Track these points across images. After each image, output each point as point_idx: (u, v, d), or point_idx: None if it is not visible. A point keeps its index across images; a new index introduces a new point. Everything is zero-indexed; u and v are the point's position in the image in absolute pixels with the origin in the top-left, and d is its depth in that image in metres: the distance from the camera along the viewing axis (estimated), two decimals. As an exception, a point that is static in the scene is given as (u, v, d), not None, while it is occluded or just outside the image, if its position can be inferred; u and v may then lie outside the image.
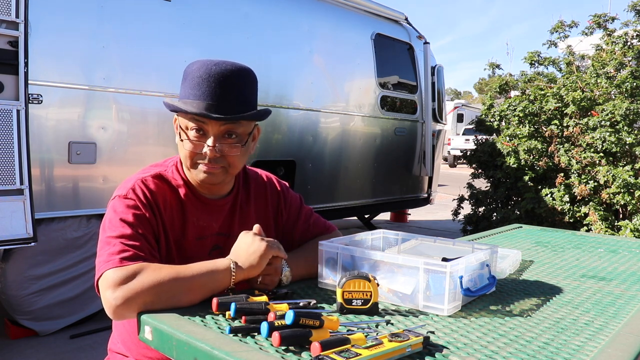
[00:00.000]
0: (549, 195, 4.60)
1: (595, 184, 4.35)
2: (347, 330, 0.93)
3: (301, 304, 1.06)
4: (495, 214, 5.23)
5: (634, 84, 4.35)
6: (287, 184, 1.50)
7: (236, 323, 0.99)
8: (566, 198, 4.48)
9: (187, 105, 1.18)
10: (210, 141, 1.19)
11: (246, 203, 1.37)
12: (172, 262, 1.17)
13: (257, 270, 1.14)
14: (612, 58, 4.70)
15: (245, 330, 0.94)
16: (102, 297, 1.08)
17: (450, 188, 10.79)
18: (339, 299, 1.07)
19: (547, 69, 5.46)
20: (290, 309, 0.94)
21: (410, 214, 7.58)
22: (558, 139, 4.73)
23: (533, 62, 5.39)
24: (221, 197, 1.32)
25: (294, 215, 1.44)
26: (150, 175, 1.24)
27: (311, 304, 1.07)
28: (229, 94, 1.19)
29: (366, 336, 0.87)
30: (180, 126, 1.22)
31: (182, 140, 1.20)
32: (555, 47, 5.37)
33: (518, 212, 4.77)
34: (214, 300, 1.03)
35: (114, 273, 1.06)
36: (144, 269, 1.07)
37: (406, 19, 5.57)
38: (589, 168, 4.46)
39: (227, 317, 1.01)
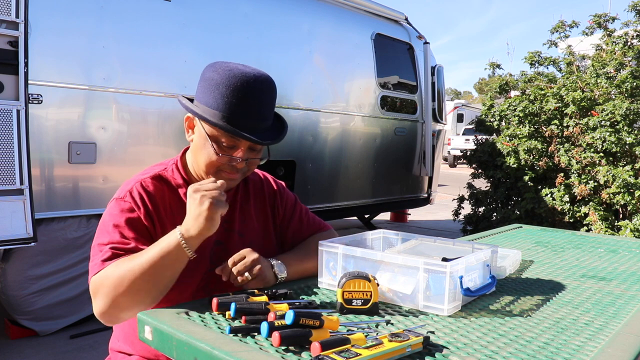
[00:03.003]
0: (549, 195, 4.60)
1: (595, 184, 4.35)
2: (347, 330, 0.93)
3: (301, 304, 1.06)
4: (495, 214, 5.23)
5: (634, 84, 4.35)
6: (283, 183, 1.52)
7: (236, 323, 0.99)
8: (566, 198, 4.48)
9: (224, 120, 1.19)
10: (242, 155, 1.22)
11: (246, 200, 1.40)
12: None
13: (211, 230, 1.10)
14: (612, 58, 4.70)
15: (245, 330, 0.94)
16: (93, 305, 1.15)
17: (450, 188, 10.79)
18: (339, 299, 1.07)
19: (547, 69, 5.46)
20: (290, 309, 0.94)
21: (410, 214, 7.58)
22: (558, 139, 4.73)
23: (533, 62, 5.40)
24: None
25: (289, 212, 1.47)
26: (150, 177, 1.27)
27: (311, 304, 1.07)
28: (266, 113, 1.24)
29: (366, 336, 0.87)
30: (208, 136, 1.21)
31: (218, 155, 1.21)
32: (556, 47, 5.38)
33: (518, 212, 4.77)
34: (214, 300, 1.03)
35: (96, 279, 1.13)
36: (112, 271, 1.11)
37: (406, 19, 5.57)
38: (589, 168, 4.46)
39: (227, 317, 1.01)
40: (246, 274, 1.17)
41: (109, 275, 1.11)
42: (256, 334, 0.93)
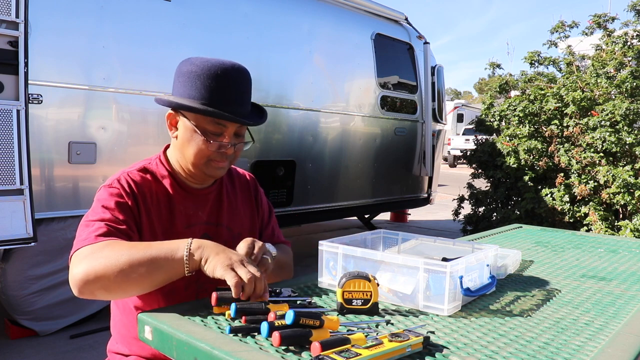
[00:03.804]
0: (549, 195, 4.60)
1: (595, 184, 4.35)
2: (347, 330, 0.93)
3: (301, 304, 1.06)
4: (495, 214, 5.23)
5: (634, 84, 4.35)
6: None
7: (236, 323, 0.99)
8: (566, 198, 4.48)
9: (209, 107, 1.22)
10: (229, 140, 1.27)
11: (233, 195, 1.43)
12: None
13: (210, 273, 1.07)
14: (612, 58, 4.70)
15: (245, 330, 0.94)
16: (69, 275, 1.11)
17: (450, 188, 10.79)
18: (339, 299, 1.07)
19: (547, 69, 5.47)
20: (290, 309, 0.94)
21: (410, 214, 7.58)
22: (558, 139, 4.73)
23: (533, 62, 5.40)
24: (206, 186, 1.37)
25: (266, 219, 1.50)
26: (136, 169, 1.30)
27: (311, 304, 1.07)
28: (246, 98, 1.29)
29: (366, 336, 0.87)
30: (195, 128, 1.25)
31: (208, 142, 1.25)
32: (556, 47, 5.38)
33: (518, 212, 4.77)
34: (213, 295, 1.04)
35: (85, 249, 1.11)
36: (107, 246, 1.10)
37: (406, 19, 5.57)
38: (589, 168, 4.46)
39: (227, 317, 1.01)
40: (265, 255, 1.16)
41: (103, 250, 1.09)
42: (256, 334, 0.93)
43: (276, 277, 1.35)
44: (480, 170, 5.50)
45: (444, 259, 1.24)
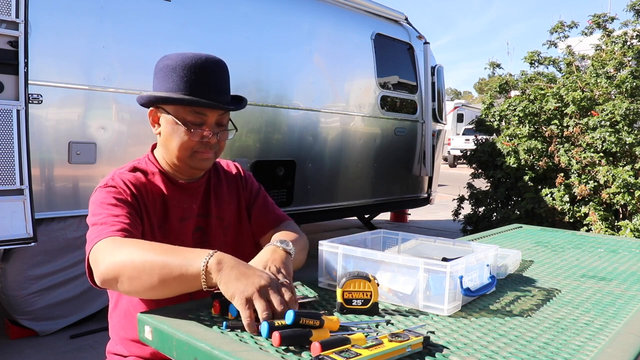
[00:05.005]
0: (549, 195, 4.60)
1: (595, 184, 4.35)
2: (347, 330, 0.93)
3: (301, 304, 1.05)
4: (495, 214, 5.23)
5: (634, 83, 4.35)
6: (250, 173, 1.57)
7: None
8: (566, 198, 4.48)
9: (186, 97, 1.24)
10: (210, 129, 1.27)
11: (218, 184, 1.44)
12: None
13: (225, 293, 0.98)
14: (611, 58, 4.70)
15: (242, 327, 0.93)
16: (93, 268, 1.11)
17: (450, 188, 10.79)
18: (339, 299, 1.07)
19: (547, 68, 5.47)
20: (289, 308, 0.94)
21: (410, 214, 7.58)
22: (558, 139, 4.73)
23: (533, 62, 5.40)
24: (195, 180, 1.38)
25: (254, 194, 1.50)
26: (127, 169, 1.31)
27: (311, 302, 1.07)
28: (223, 87, 1.30)
29: (366, 336, 0.87)
30: (176, 120, 1.26)
31: (190, 131, 1.25)
32: (555, 47, 5.38)
33: (518, 212, 4.77)
34: (216, 303, 1.03)
35: (105, 244, 1.10)
36: (125, 244, 1.09)
37: (406, 19, 5.57)
38: (589, 168, 4.46)
39: (229, 317, 1.01)
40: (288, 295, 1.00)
41: (122, 248, 1.07)
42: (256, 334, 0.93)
43: (303, 261, 1.33)
44: (480, 170, 5.50)
45: (444, 259, 1.24)
